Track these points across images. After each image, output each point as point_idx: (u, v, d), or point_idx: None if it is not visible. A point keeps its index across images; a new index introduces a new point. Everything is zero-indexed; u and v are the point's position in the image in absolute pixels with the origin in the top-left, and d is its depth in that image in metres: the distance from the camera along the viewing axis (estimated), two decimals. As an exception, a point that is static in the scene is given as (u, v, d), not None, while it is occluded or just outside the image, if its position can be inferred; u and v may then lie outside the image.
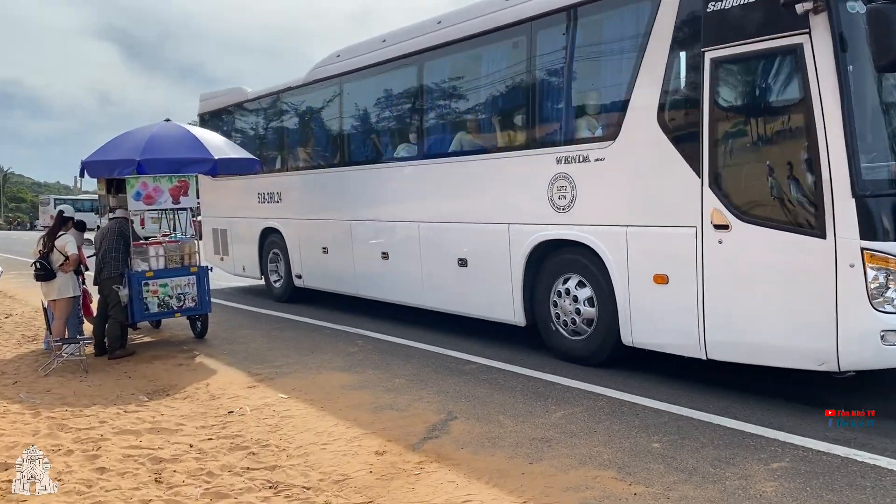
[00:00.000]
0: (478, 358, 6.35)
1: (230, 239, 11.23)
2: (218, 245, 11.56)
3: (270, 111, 10.36)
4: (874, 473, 3.56)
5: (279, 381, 5.80)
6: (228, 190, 10.99)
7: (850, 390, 4.92)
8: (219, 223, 11.51)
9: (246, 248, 10.76)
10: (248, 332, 7.97)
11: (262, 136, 10.66)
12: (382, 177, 8.03)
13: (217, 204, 11.51)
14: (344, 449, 4.18)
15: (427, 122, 7.55)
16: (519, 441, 4.20)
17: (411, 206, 7.67)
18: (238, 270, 11.17)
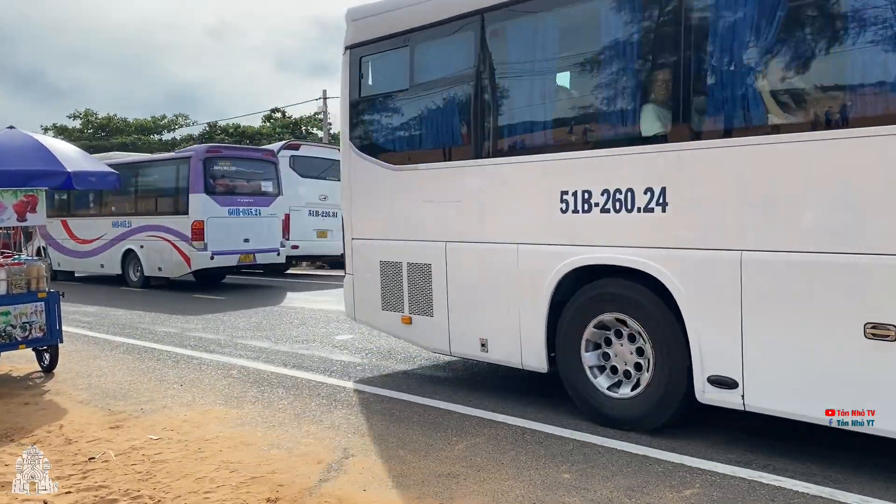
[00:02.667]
0: (366, 387, 6.01)
1: (445, 284, 5.76)
2: (397, 293, 6.19)
3: None
4: (782, 496, 3.58)
5: (146, 419, 5.19)
6: (440, 184, 5.84)
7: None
8: (404, 252, 6.09)
9: (503, 308, 5.35)
10: (104, 364, 7.19)
11: None
12: None
13: (398, 214, 6.21)
14: (230, 497, 3.72)
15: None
16: (424, 478, 3.91)
17: None
18: (465, 348, 5.73)
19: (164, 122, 49.31)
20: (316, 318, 10.33)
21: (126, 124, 47.53)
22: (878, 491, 3.64)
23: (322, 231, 19.47)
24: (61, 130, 45.53)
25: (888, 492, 3.63)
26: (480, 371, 6.57)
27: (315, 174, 19.58)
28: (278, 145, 19.75)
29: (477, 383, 6.09)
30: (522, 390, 5.81)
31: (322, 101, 36.69)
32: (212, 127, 44.12)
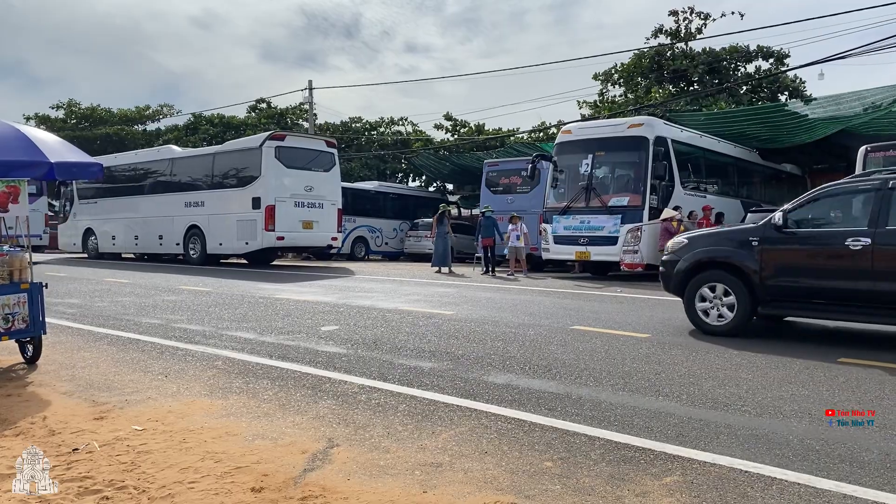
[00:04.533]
0: (352, 377, 6.03)
1: None
2: None
3: None
4: (760, 482, 3.64)
5: (131, 410, 5.19)
6: None
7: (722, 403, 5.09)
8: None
9: None
10: (88, 356, 7.16)
11: None
12: None
13: None
14: (215, 487, 3.73)
15: None
16: (409, 467, 3.95)
17: None
18: None
19: (149, 112, 48.93)
20: (301, 310, 10.33)
21: (110, 114, 47.08)
22: (852, 476, 3.71)
23: (308, 222, 19.43)
24: (44, 120, 45.05)
25: (862, 476, 3.70)
26: (465, 361, 6.61)
27: (301, 165, 19.53)
28: (263, 136, 19.69)
29: (461, 374, 6.13)
30: (507, 380, 5.86)
31: (308, 91, 36.51)
32: (196, 117, 43.78)
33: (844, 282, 7.41)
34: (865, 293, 7.25)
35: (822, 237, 7.66)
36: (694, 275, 8.39)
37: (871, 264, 7.10)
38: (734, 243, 8.18)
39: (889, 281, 7.07)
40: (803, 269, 7.73)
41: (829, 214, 7.93)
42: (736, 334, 8.01)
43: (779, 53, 28.68)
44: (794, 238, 7.77)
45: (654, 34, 29.90)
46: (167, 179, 22.20)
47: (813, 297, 7.69)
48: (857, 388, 5.57)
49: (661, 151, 15.94)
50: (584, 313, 10.11)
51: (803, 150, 21.94)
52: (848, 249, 7.25)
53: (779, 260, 7.85)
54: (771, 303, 7.89)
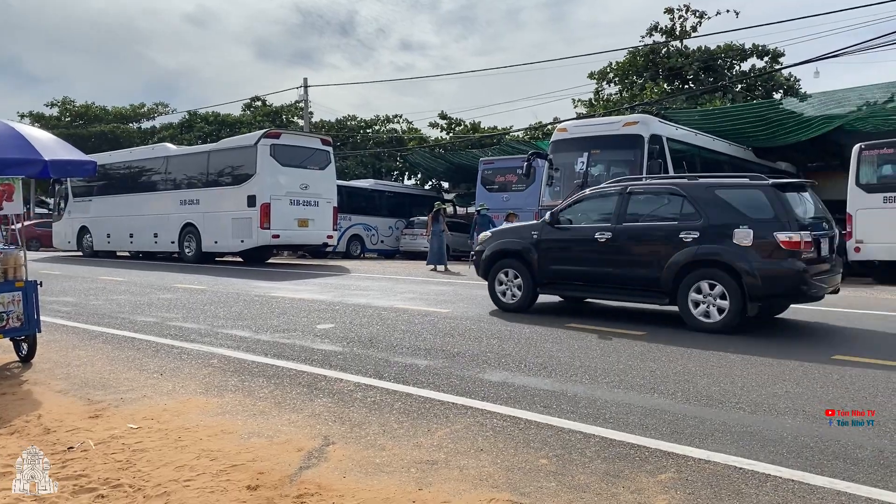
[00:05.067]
0: (347, 375, 6.04)
1: None
2: None
3: None
4: (755, 479, 3.66)
5: (126, 409, 5.18)
6: None
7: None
8: None
9: None
10: (83, 354, 7.15)
11: None
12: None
13: None
14: (210, 485, 3.74)
15: None
16: (405, 465, 3.95)
17: None
18: None
19: (144, 110, 48.83)
20: (297, 308, 10.33)
21: (105, 112, 46.96)
22: (846, 472, 3.73)
23: (303, 220, 19.41)
24: (38, 118, 44.89)
25: (856, 473, 3.72)
26: (461, 359, 6.62)
27: (296, 163, 19.50)
28: (258, 134, 19.65)
29: (457, 371, 6.14)
30: (502, 377, 5.87)
31: (303, 89, 36.46)
32: (191, 115, 43.71)
33: (595, 267, 9.18)
34: (609, 275, 9.03)
35: (580, 231, 9.36)
36: (494, 262, 10.11)
37: (613, 253, 8.93)
38: (521, 237, 9.93)
39: (624, 266, 8.90)
40: (567, 257, 9.46)
41: (587, 213, 9.58)
42: (522, 310, 9.73)
43: (774, 52, 28.79)
44: (561, 232, 9.51)
45: (650, 32, 29.96)
46: (162, 177, 22.15)
47: (574, 279, 9.47)
48: (851, 386, 5.59)
49: (657, 149, 15.95)
50: (579, 310, 10.12)
51: (798, 149, 21.99)
52: (597, 241, 8.97)
53: (550, 250, 9.54)
54: (546, 284, 9.68)
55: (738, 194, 8.47)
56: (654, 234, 8.80)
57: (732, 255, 7.99)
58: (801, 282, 7.86)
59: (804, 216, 8.34)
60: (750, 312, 8.12)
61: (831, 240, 8.65)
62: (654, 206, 9.06)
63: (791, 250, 7.81)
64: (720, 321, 8.07)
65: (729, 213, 8.24)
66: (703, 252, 8.19)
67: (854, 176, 15.30)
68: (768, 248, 7.90)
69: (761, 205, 8.13)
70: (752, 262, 7.90)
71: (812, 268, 7.96)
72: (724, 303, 8.05)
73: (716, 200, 8.41)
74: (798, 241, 7.81)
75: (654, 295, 8.70)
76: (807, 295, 8.12)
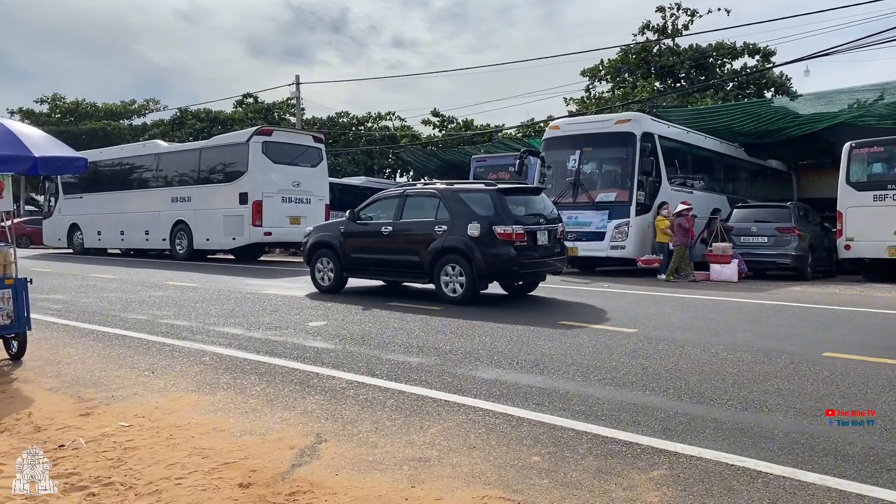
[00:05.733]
0: (340, 373, 6.03)
1: None
2: None
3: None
4: (746, 476, 3.68)
5: (117, 406, 5.16)
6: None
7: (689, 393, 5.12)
8: None
9: None
10: (73, 352, 7.11)
11: None
12: None
13: None
14: (202, 483, 3.73)
15: None
16: (397, 462, 3.96)
17: None
18: None
19: (135, 106, 48.60)
20: (289, 305, 10.31)
21: (95, 109, 46.71)
22: (836, 469, 3.75)
23: (295, 217, 19.35)
24: (28, 115, 44.63)
25: (846, 470, 3.74)
26: (453, 357, 6.62)
27: (288, 160, 19.44)
28: (250, 131, 19.59)
29: (449, 369, 6.14)
30: (495, 375, 5.87)
31: (295, 86, 36.34)
32: (182, 112, 43.52)
33: (381, 255, 11.33)
34: (391, 261, 11.25)
35: (372, 226, 11.41)
36: (313, 252, 12.14)
37: (393, 243, 11.09)
38: (332, 231, 12.05)
39: (400, 254, 11.07)
40: (363, 247, 11.53)
41: (378, 212, 11.59)
42: (334, 291, 11.74)
43: (765, 50, 28.86)
44: (359, 226, 11.58)
45: (642, 30, 29.99)
46: (153, 174, 22.05)
47: (369, 264, 11.55)
48: (842, 383, 5.62)
49: (648, 147, 15.98)
50: (570, 308, 10.14)
51: (789, 147, 22.07)
52: (383, 234, 11.15)
53: (351, 241, 11.60)
54: (350, 269, 11.72)
55: (474, 197, 10.61)
56: (419, 229, 10.92)
57: (466, 244, 10.20)
58: (513, 265, 10.15)
59: (522, 214, 10.56)
60: (479, 288, 10.41)
61: (550, 232, 10.83)
62: (421, 207, 11.17)
63: (505, 240, 10.02)
64: (460, 295, 10.29)
65: (467, 212, 10.39)
66: (448, 242, 10.42)
67: (844, 174, 15.37)
68: (490, 238, 10.04)
69: (487, 205, 10.33)
70: (478, 250, 10.09)
71: (524, 254, 10.22)
72: (462, 280, 10.30)
73: (460, 202, 10.60)
74: (510, 233, 10.02)
75: (421, 276, 10.91)
76: (519, 275, 10.72)
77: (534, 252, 10.47)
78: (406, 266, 11.06)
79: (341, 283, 11.91)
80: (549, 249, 10.82)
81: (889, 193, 14.64)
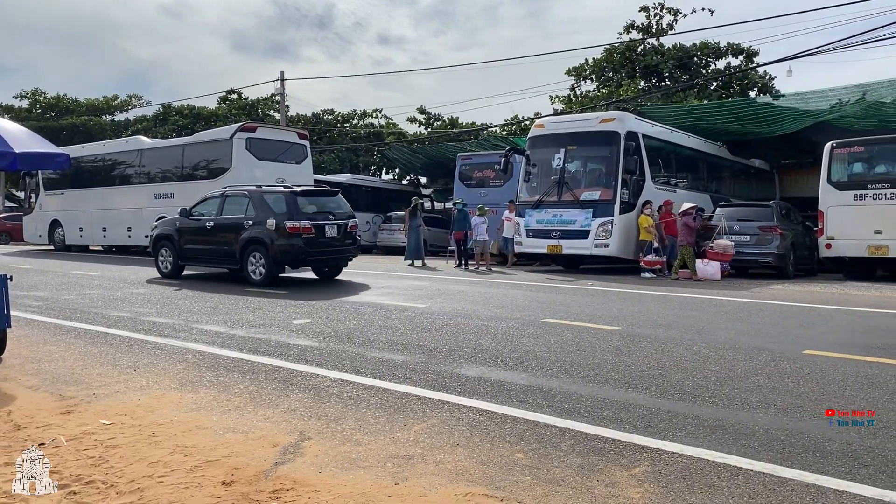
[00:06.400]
0: (323, 370, 6.02)
1: None
2: None
3: None
4: (726, 473, 3.71)
5: (99, 404, 5.12)
6: None
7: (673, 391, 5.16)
8: None
9: None
10: (54, 349, 7.05)
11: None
12: None
13: None
14: (184, 481, 3.71)
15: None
16: (381, 460, 3.96)
17: None
18: None
19: (117, 102, 48.06)
20: (272, 303, 10.28)
21: (77, 104, 46.13)
22: (815, 465, 3.80)
23: (279, 215, 19.27)
24: (7, 110, 44.00)
25: (825, 466, 3.79)
26: (438, 354, 6.62)
27: (272, 157, 19.36)
28: (234, 127, 19.48)
29: (434, 366, 6.15)
30: (479, 372, 5.89)
31: (279, 82, 36.17)
32: (166, 108, 43.15)
33: (206, 245, 13.62)
34: (213, 251, 13.56)
35: (199, 221, 13.67)
36: (157, 242, 14.47)
37: (214, 235, 13.38)
38: (171, 225, 14.23)
39: (220, 244, 13.36)
40: (192, 239, 13.79)
41: (206, 209, 13.86)
42: (174, 277, 13.97)
43: (748, 50, 29.07)
44: (190, 221, 13.83)
45: (626, 29, 30.13)
46: (136, 171, 21.88)
47: (197, 254, 13.85)
48: (821, 380, 5.69)
49: (633, 146, 16.06)
50: (555, 306, 10.18)
51: (771, 146, 22.26)
52: (206, 227, 13.48)
53: (184, 234, 13.90)
54: (184, 258, 14.00)
55: (273, 197, 13.03)
56: (232, 224, 13.16)
57: (265, 236, 12.58)
58: (301, 253, 12.65)
59: (311, 212, 13.01)
60: (276, 272, 12.87)
61: (340, 227, 13.23)
62: (236, 205, 13.42)
63: (294, 233, 12.40)
64: (262, 279, 12.66)
65: (267, 209, 12.86)
66: (252, 234, 12.77)
67: (826, 173, 15.52)
68: (283, 231, 12.43)
69: (282, 204, 12.76)
70: (274, 241, 12.46)
71: (312, 245, 12.69)
72: (262, 266, 12.71)
73: (263, 201, 12.99)
74: (298, 227, 12.42)
75: (234, 262, 13.14)
76: (307, 261, 13.22)
77: (321, 243, 12.91)
78: (224, 255, 13.36)
79: (179, 269, 14.16)
80: (338, 241, 13.30)
81: (869, 193, 14.80)
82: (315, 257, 13.12)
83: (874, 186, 14.81)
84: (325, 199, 13.86)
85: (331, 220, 13.14)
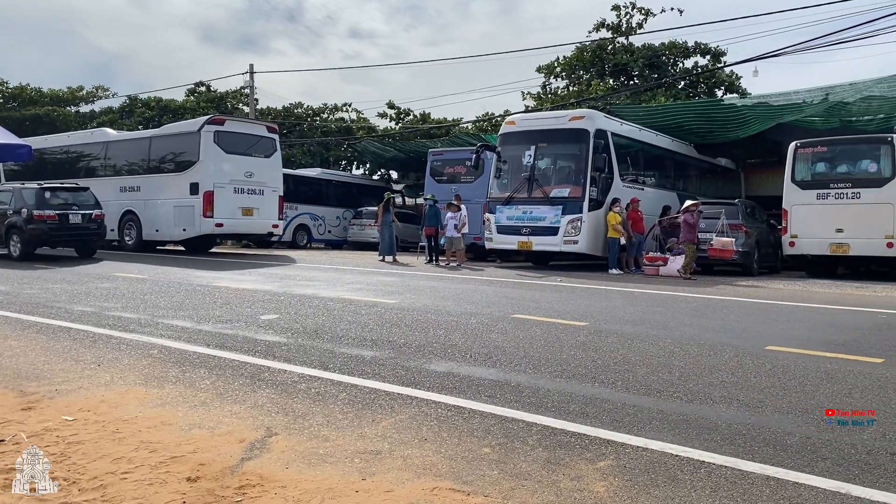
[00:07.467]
0: (292, 366, 5.99)
1: None
2: None
3: None
4: (689, 466, 3.77)
5: (61, 400, 5.04)
6: None
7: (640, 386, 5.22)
8: None
9: None
10: (15, 344, 6.91)
11: None
12: None
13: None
14: (149, 477, 3.67)
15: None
16: (348, 455, 3.95)
17: None
18: None
19: (82, 93, 47.16)
20: (240, 298, 10.19)
21: (40, 95, 45.14)
22: (776, 458, 3.88)
23: (248, 209, 19.12)
24: (-32, 100, 42.97)
25: (785, 459, 3.87)
26: (407, 350, 6.63)
27: (241, 150, 19.18)
28: (202, 120, 19.26)
29: (403, 362, 6.15)
30: (448, 368, 5.91)
31: (249, 75, 35.80)
32: (132, 100, 42.49)
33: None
34: None
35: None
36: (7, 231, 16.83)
37: None
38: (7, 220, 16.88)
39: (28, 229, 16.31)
40: None
41: None
42: (22, 260, 16.04)
43: (716, 50, 29.47)
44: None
45: (597, 28, 30.36)
46: (101, 163, 21.53)
47: None
48: (783, 375, 5.81)
49: (602, 144, 16.22)
50: (524, 302, 10.25)
51: (737, 145, 22.62)
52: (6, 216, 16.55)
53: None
54: None
55: (28, 193, 16.46)
56: (2, 212, 16.48)
57: (19, 221, 16.04)
58: (46, 236, 16.28)
59: (57, 203, 16.38)
60: (29, 251, 16.20)
61: (85, 216, 16.65)
62: (5, 197, 16.85)
63: (40, 220, 15.99)
64: (19, 255, 16.19)
65: (23, 201, 16.24)
66: (11, 220, 16.20)
67: (790, 173, 15.83)
68: (32, 219, 15.91)
69: (33, 197, 16.33)
70: (26, 225, 15.94)
71: (56, 229, 16.19)
72: (17, 246, 16.21)
73: (21, 195, 16.50)
74: (43, 216, 16.01)
75: (2, 243, 16.27)
76: (52, 242, 16.68)
77: (65, 229, 16.36)
78: None
79: (26, 256, 16.51)
80: (83, 227, 16.72)
81: (831, 192, 15.13)
82: (57, 240, 16.72)
83: (836, 186, 15.14)
84: (74, 193, 17.23)
85: (75, 210, 16.61)
